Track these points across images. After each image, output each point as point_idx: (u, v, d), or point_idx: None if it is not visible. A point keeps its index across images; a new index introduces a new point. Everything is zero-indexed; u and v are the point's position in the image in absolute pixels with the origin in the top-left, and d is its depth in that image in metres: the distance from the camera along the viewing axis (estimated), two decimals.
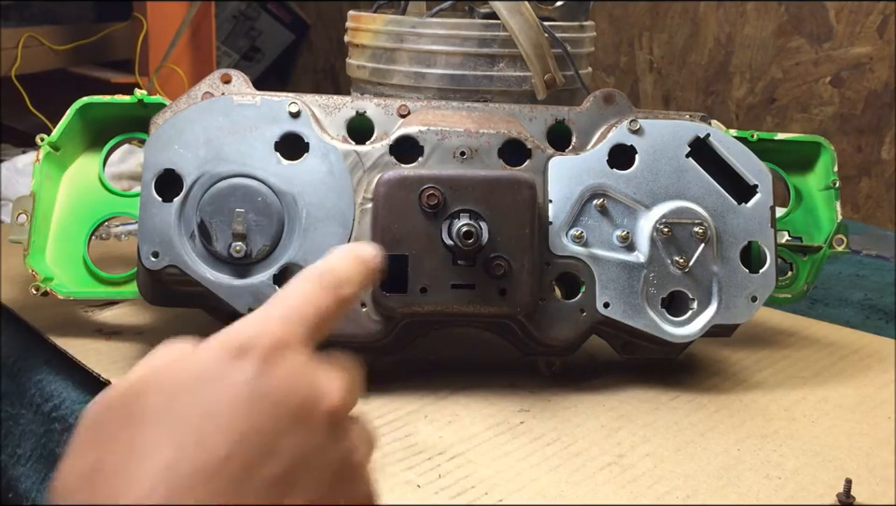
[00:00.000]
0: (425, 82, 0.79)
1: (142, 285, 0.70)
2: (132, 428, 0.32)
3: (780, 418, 0.67)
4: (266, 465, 0.32)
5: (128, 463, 0.31)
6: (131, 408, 0.32)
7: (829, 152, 0.80)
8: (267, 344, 0.34)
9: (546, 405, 0.68)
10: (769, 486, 0.58)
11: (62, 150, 0.75)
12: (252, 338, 0.34)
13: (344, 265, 0.40)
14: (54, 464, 0.71)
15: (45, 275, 0.72)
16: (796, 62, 1.59)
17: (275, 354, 0.34)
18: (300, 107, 0.68)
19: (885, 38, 1.48)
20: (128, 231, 0.84)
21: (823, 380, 0.75)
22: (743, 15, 1.64)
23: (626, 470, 0.60)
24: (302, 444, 0.33)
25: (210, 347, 0.34)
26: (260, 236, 0.66)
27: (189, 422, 0.31)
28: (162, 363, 0.34)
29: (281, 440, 0.33)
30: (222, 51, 2.34)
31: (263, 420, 0.33)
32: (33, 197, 0.73)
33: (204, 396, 0.32)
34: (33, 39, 1.50)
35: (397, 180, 0.66)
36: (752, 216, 0.70)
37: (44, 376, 0.74)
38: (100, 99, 0.75)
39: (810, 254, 0.80)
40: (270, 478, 0.32)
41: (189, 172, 0.66)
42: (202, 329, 0.77)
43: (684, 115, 0.72)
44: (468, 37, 0.77)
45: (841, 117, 1.55)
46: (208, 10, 1.68)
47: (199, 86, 0.70)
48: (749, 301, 0.70)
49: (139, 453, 0.31)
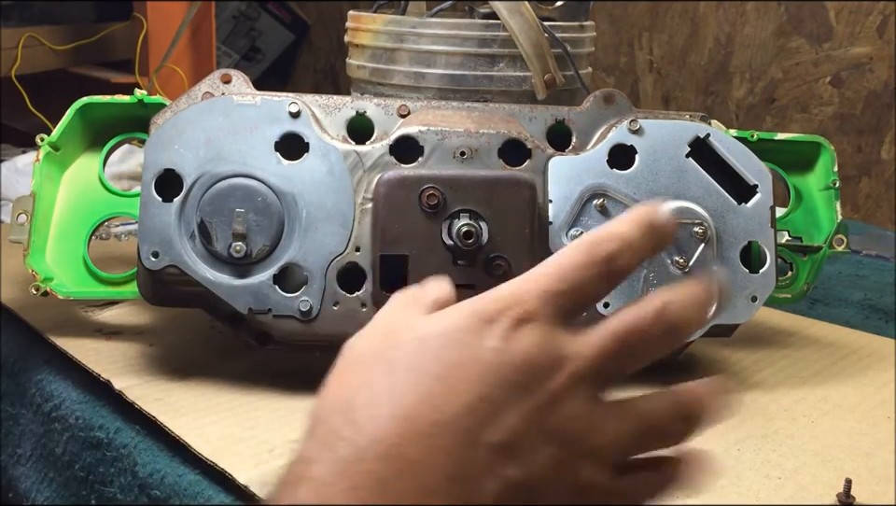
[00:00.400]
0: (425, 82, 0.79)
1: (142, 285, 0.70)
2: (386, 373, 0.34)
3: (780, 418, 0.67)
4: (491, 432, 0.33)
5: (374, 405, 0.33)
6: (388, 354, 0.35)
7: (829, 152, 0.80)
8: (515, 317, 0.35)
9: None
10: (769, 486, 0.58)
11: (62, 150, 0.75)
12: (503, 310, 0.35)
13: (627, 232, 0.37)
14: (54, 464, 0.71)
15: (45, 275, 0.72)
16: (796, 62, 1.59)
17: (521, 326, 0.35)
18: (300, 107, 0.68)
19: (885, 38, 1.48)
20: (128, 231, 0.84)
21: (823, 380, 0.75)
22: (743, 15, 1.64)
23: None
24: (529, 413, 0.34)
25: (463, 312, 0.35)
26: (260, 236, 0.66)
27: (434, 379, 0.33)
28: (419, 318, 0.36)
29: (511, 408, 0.33)
30: (222, 51, 2.34)
31: (498, 388, 0.33)
32: (33, 197, 0.73)
33: (452, 357, 0.34)
34: (33, 39, 1.50)
35: (397, 180, 0.66)
36: (752, 216, 0.70)
37: (44, 376, 0.74)
38: (100, 99, 0.75)
39: (810, 254, 0.80)
40: (493, 444, 0.33)
41: (190, 172, 0.66)
42: (202, 329, 0.78)
43: (684, 115, 0.72)
44: (468, 37, 0.77)
45: (841, 117, 1.55)
46: (208, 10, 1.68)
47: (199, 86, 0.70)
48: (749, 301, 0.70)
49: (386, 398, 0.33)
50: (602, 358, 0.36)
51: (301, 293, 0.66)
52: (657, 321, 0.36)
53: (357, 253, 0.66)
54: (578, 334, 0.36)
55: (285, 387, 0.68)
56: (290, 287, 0.66)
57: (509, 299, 0.35)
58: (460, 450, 0.33)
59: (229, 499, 0.57)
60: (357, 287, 0.66)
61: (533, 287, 0.36)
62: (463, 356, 0.34)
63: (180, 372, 0.70)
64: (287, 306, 0.65)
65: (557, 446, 0.34)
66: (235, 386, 0.68)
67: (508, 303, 0.35)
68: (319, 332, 0.66)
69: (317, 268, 0.66)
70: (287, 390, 0.67)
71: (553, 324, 0.35)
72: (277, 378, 0.69)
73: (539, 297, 0.35)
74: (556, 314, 0.35)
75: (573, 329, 0.36)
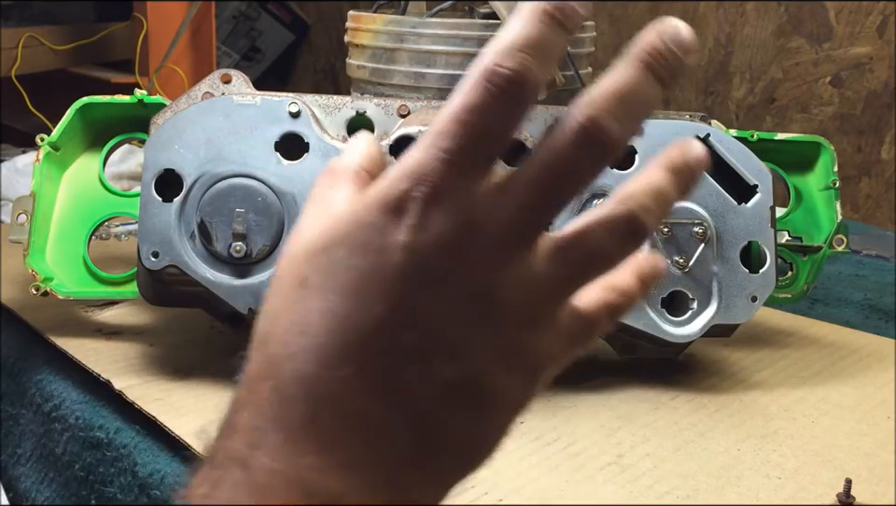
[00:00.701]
0: (425, 82, 0.79)
1: (142, 285, 0.70)
2: (297, 299, 0.31)
3: (780, 418, 0.67)
4: (413, 337, 0.30)
5: (289, 340, 0.30)
6: (299, 270, 0.31)
7: (829, 152, 0.80)
8: (424, 198, 0.30)
9: (546, 405, 0.68)
10: (769, 486, 0.58)
11: (62, 150, 0.75)
12: (410, 193, 0.30)
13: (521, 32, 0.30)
14: (54, 464, 0.71)
15: (45, 275, 0.72)
16: (796, 62, 1.59)
17: (431, 208, 0.30)
18: (300, 107, 0.68)
19: (885, 38, 1.48)
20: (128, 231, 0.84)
21: (823, 380, 0.75)
22: (743, 15, 1.64)
23: (626, 469, 0.60)
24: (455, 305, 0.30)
25: (369, 204, 0.30)
26: (260, 236, 0.66)
27: (343, 296, 0.30)
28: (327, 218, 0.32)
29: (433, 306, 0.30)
30: (222, 51, 2.34)
31: (413, 290, 0.30)
32: (33, 197, 0.73)
33: (360, 266, 0.30)
34: (33, 39, 1.50)
35: None
36: (752, 216, 0.70)
37: (44, 376, 0.74)
38: (100, 99, 0.75)
39: (810, 254, 0.80)
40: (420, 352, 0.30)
41: (190, 172, 0.66)
42: (202, 329, 0.78)
43: (684, 115, 0.72)
44: (468, 37, 0.77)
45: (841, 117, 1.55)
46: (208, 10, 1.68)
47: (199, 86, 0.70)
48: (749, 301, 0.70)
49: (299, 329, 0.30)
50: (525, 216, 0.31)
51: None
52: (580, 143, 0.30)
53: None
54: (494, 192, 0.30)
55: None
56: None
57: (413, 175, 0.30)
58: (381, 368, 0.29)
59: None
60: None
61: (434, 151, 0.30)
62: (371, 262, 0.30)
63: (180, 372, 0.70)
64: None
65: (493, 328, 0.30)
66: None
67: (413, 182, 0.30)
68: None
69: None
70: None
71: (466, 190, 0.30)
72: None
73: (444, 161, 0.30)
74: (467, 173, 0.30)
75: (490, 182, 0.31)
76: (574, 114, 0.30)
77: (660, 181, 0.33)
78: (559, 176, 0.30)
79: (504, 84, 0.30)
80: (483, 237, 0.30)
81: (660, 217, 0.32)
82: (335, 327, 0.30)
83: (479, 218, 0.30)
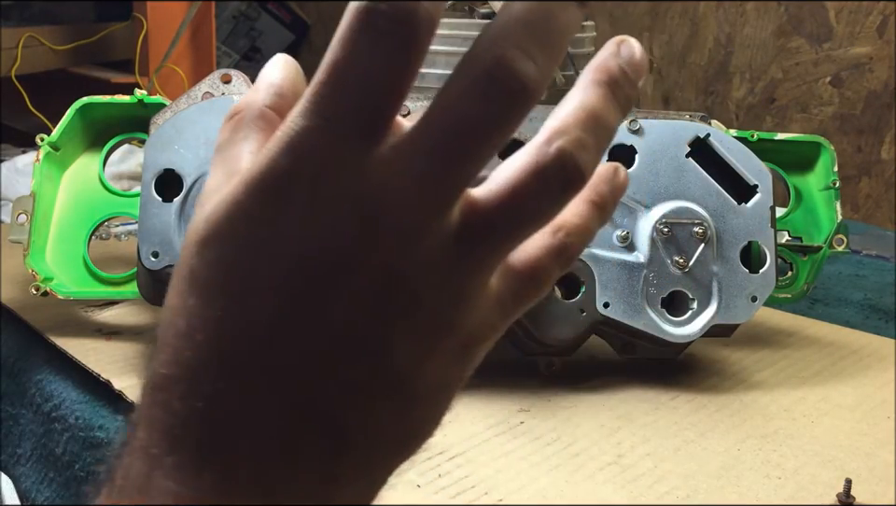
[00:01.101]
0: (425, 82, 0.79)
1: (142, 285, 0.70)
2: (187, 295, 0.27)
3: (780, 418, 0.67)
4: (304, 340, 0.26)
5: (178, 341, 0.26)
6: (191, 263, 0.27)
7: (829, 152, 0.80)
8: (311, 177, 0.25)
9: (546, 405, 0.68)
10: (769, 486, 0.58)
11: (62, 150, 0.75)
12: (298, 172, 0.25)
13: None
14: (54, 464, 0.71)
15: (45, 275, 0.72)
16: (796, 62, 1.59)
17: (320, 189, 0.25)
18: None
19: (884, 38, 1.48)
20: (128, 231, 0.84)
21: (823, 380, 0.75)
22: (743, 15, 1.64)
23: (626, 470, 0.60)
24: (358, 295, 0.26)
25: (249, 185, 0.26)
26: None
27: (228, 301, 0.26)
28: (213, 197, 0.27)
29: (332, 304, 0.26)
30: (222, 51, 2.34)
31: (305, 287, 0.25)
32: (33, 197, 0.73)
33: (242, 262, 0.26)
34: (33, 39, 1.50)
35: None
36: (752, 216, 0.70)
37: (44, 376, 0.74)
38: (100, 99, 0.75)
39: (810, 254, 0.80)
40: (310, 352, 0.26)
41: (190, 172, 0.66)
42: None
43: (684, 115, 0.72)
44: (468, 37, 0.77)
45: (841, 117, 1.55)
46: (208, 10, 1.68)
47: (199, 86, 0.70)
48: (749, 301, 0.70)
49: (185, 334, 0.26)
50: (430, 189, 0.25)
51: None
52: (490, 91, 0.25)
53: None
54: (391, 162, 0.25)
55: None
56: None
57: (294, 149, 0.25)
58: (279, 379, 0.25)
59: None
60: None
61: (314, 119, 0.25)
62: (257, 261, 0.25)
63: None
64: None
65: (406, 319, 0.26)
66: None
67: (294, 158, 0.25)
68: None
69: None
70: None
71: (357, 162, 0.25)
72: None
73: (326, 130, 0.25)
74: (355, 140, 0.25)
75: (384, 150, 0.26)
76: (478, 54, 0.25)
77: (593, 102, 0.27)
78: (466, 136, 0.25)
79: (382, 24, 0.24)
80: (385, 218, 0.25)
81: (601, 149, 0.27)
82: (222, 336, 0.26)
83: (376, 196, 0.25)
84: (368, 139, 0.25)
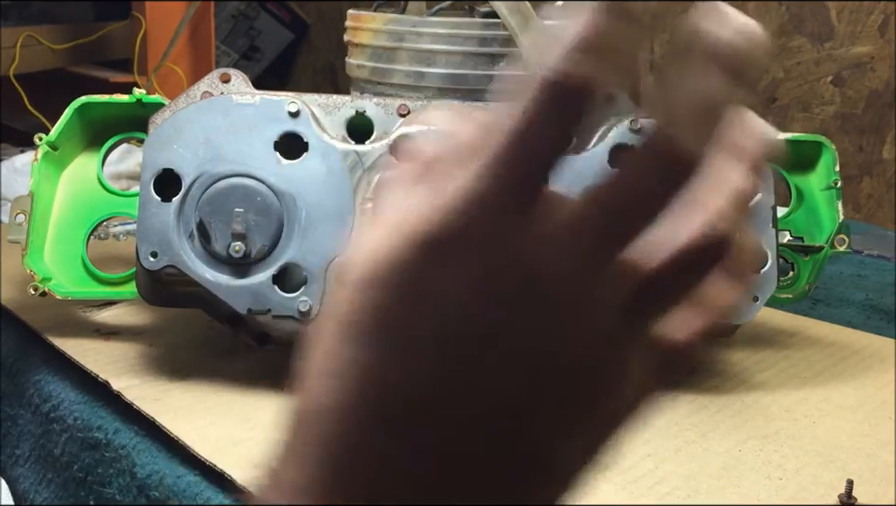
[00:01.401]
0: (425, 81, 0.78)
1: (141, 285, 0.70)
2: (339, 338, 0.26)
3: (781, 419, 0.67)
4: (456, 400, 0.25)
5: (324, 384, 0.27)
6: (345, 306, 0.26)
7: (830, 152, 0.80)
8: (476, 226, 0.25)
9: None
10: (770, 487, 0.58)
11: (60, 150, 0.75)
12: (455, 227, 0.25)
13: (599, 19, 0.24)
14: (52, 465, 0.71)
15: (43, 275, 0.72)
16: (797, 61, 1.59)
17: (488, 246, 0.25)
18: (299, 107, 0.67)
19: (886, 38, 1.48)
20: (126, 230, 0.84)
21: (825, 380, 0.74)
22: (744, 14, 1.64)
23: (627, 470, 0.59)
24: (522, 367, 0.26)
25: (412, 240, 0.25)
26: (260, 236, 0.65)
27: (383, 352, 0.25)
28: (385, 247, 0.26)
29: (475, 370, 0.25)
30: (221, 51, 2.34)
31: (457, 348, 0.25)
32: (31, 197, 0.72)
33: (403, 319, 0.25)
34: (31, 39, 1.50)
35: None
36: (753, 216, 0.70)
37: (42, 377, 0.74)
38: (98, 98, 0.74)
39: (812, 254, 0.80)
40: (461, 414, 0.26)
41: (188, 171, 0.66)
42: (201, 329, 0.77)
43: None
44: (468, 36, 0.77)
45: (842, 116, 1.54)
46: (207, 10, 1.68)
47: (198, 85, 0.69)
48: (751, 301, 0.69)
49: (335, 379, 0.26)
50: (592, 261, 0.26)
51: (300, 293, 0.65)
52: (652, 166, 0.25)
53: None
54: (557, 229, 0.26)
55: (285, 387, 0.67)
56: (290, 287, 0.66)
57: (460, 208, 0.25)
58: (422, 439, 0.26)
59: (228, 500, 0.56)
60: None
61: (486, 180, 0.25)
62: (415, 314, 0.25)
63: (179, 372, 0.70)
64: (287, 306, 0.65)
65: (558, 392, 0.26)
66: (235, 387, 0.68)
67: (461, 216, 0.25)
68: None
69: (317, 268, 0.65)
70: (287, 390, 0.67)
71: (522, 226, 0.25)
72: (277, 378, 0.68)
73: (496, 191, 0.25)
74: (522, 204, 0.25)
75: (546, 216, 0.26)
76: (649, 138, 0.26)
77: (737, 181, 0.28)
78: (634, 217, 0.26)
79: (562, 93, 0.24)
80: (553, 291, 0.25)
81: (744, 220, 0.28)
82: (372, 385, 0.26)
83: (546, 269, 0.25)
84: (535, 206, 0.26)
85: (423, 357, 0.25)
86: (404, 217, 0.26)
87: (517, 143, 0.25)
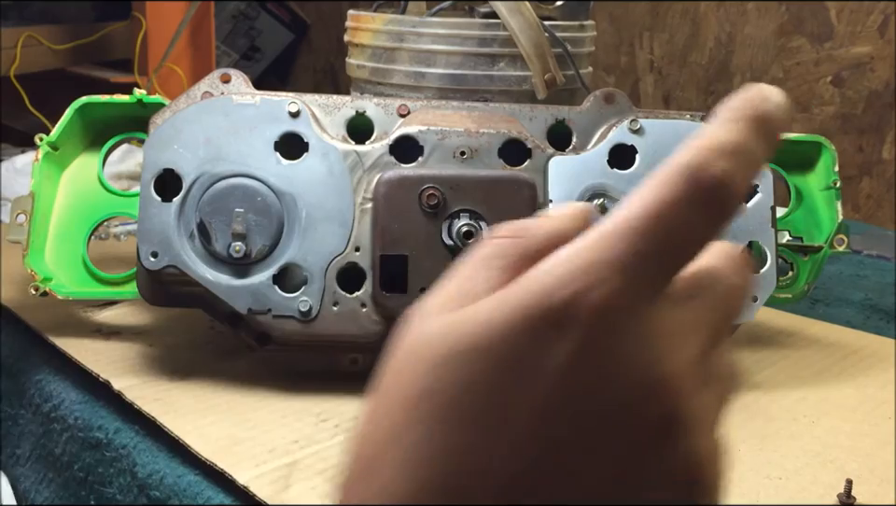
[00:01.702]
0: (425, 82, 0.79)
1: (141, 285, 0.70)
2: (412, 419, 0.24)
3: (781, 418, 0.67)
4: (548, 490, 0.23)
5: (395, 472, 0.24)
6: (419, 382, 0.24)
7: (830, 152, 0.80)
8: (592, 312, 0.23)
9: None
10: (770, 487, 0.58)
11: (61, 150, 0.75)
12: (573, 303, 0.23)
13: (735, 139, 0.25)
14: (53, 464, 0.71)
15: (44, 275, 0.72)
16: (797, 61, 1.59)
17: (599, 326, 0.23)
18: (299, 107, 0.67)
19: (886, 38, 1.48)
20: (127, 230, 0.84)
21: (824, 380, 0.75)
22: (744, 15, 1.64)
23: None
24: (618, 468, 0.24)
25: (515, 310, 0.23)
26: (260, 236, 0.65)
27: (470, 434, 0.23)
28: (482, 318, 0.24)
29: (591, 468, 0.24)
30: (222, 51, 2.34)
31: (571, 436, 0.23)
32: (32, 197, 0.73)
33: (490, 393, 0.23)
34: (32, 39, 1.50)
35: (397, 180, 0.66)
36: (753, 216, 0.70)
37: (43, 376, 0.74)
38: (99, 99, 0.75)
39: (811, 254, 0.80)
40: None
41: (189, 172, 0.66)
42: (201, 329, 0.78)
43: (685, 115, 0.72)
44: (468, 37, 0.77)
45: (842, 116, 1.54)
46: (208, 10, 1.68)
47: (198, 85, 0.69)
48: (750, 301, 0.69)
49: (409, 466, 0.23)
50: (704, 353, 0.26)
51: (300, 293, 0.65)
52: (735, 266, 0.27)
53: (357, 253, 0.66)
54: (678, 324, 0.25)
55: (285, 387, 0.67)
56: (290, 287, 0.66)
57: (582, 278, 0.23)
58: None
59: (229, 500, 0.57)
60: (357, 287, 0.66)
61: (614, 254, 0.23)
62: (514, 392, 0.23)
63: (180, 372, 0.70)
64: (287, 306, 0.65)
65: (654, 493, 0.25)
66: (235, 387, 0.68)
67: (582, 285, 0.23)
68: (319, 333, 0.66)
69: (317, 268, 0.66)
70: (287, 390, 0.67)
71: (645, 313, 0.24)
72: (277, 378, 0.69)
73: (624, 270, 0.23)
74: (648, 292, 0.24)
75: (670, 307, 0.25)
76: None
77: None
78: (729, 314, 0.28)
79: (712, 190, 0.24)
80: (662, 373, 0.24)
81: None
82: (457, 472, 0.23)
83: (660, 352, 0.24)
84: (657, 294, 0.25)
85: (517, 444, 0.23)
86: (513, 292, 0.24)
87: (671, 242, 0.24)
